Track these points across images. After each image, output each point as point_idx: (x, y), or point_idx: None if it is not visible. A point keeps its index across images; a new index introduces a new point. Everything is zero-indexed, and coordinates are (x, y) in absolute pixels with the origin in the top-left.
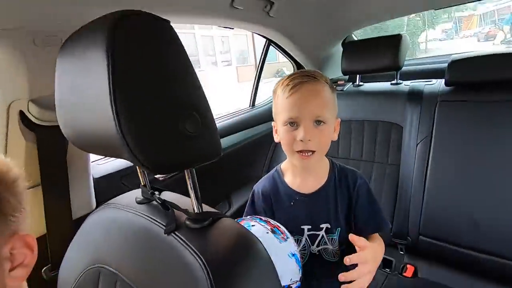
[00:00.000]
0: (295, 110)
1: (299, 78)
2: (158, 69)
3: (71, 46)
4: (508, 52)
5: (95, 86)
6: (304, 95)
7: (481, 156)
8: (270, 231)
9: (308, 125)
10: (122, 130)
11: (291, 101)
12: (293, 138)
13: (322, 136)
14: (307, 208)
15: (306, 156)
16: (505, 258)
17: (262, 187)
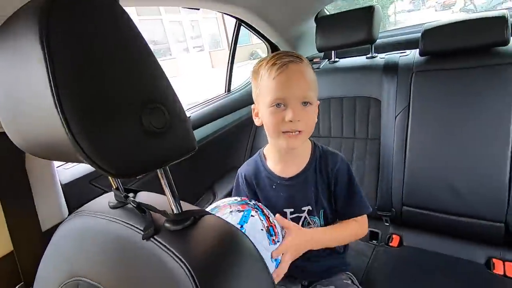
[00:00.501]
0: (283, 91)
1: (285, 58)
2: (107, 57)
3: (1, 40)
4: (479, 18)
5: (33, 83)
6: (291, 75)
7: (457, 123)
8: (265, 230)
9: (296, 106)
10: (73, 133)
11: (278, 82)
12: (280, 119)
13: (309, 117)
14: (288, 192)
15: (293, 135)
16: (484, 219)
17: (245, 171)
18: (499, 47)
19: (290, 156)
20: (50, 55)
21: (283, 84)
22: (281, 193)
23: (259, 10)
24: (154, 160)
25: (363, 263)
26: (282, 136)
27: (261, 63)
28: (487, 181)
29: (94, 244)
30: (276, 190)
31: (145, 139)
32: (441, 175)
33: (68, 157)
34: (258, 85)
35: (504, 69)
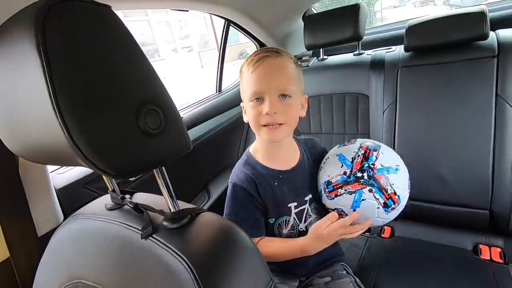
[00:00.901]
0: (259, 85)
1: (262, 53)
2: (103, 62)
3: None
4: (459, 13)
5: (31, 88)
6: (267, 69)
7: (442, 116)
8: (382, 205)
9: (273, 99)
10: (72, 136)
11: (255, 76)
12: (259, 113)
13: (288, 110)
14: (291, 184)
15: (273, 128)
16: (470, 207)
17: (243, 176)
18: (479, 41)
19: (280, 150)
20: (47, 60)
21: (259, 78)
22: (285, 187)
23: (248, 10)
24: (151, 160)
25: (356, 254)
26: (263, 130)
27: (244, 61)
28: (471, 170)
29: (92, 246)
30: (279, 185)
31: (141, 140)
32: (429, 166)
33: (65, 161)
34: (241, 81)
35: (485, 63)
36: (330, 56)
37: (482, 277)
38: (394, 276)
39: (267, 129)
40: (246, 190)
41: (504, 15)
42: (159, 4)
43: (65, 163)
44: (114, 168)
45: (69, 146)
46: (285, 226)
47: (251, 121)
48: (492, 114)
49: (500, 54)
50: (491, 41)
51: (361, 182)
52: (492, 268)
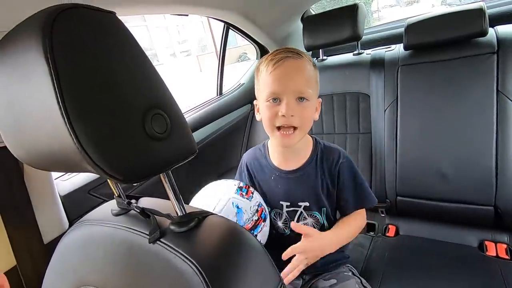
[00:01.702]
0: (278, 85)
1: (282, 53)
2: (110, 67)
3: (1, 54)
4: (458, 11)
5: (38, 96)
6: (287, 70)
7: (443, 113)
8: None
9: (291, 101)
10: (81, 142)
11: (274, 76)
12: (275, 114)
13: (305, 113)
14: (285, 185)
15: (287, 135)
16: (474, 204)
17: (247, 158)
18: (478, 38)
19: (290, 152)
20: (55, 68)
21: (278, 79)
22: (279, 186)
23: (246, 13)
24: (158, 164)
25: (362, 254)
26: (277, 133)
27: (263, 59)
28: (475, 167)
29: (99, 252)
30: (274, 181)
31: (148, 144)
32: (432, 164)
33: (73, 167)
34: (258, 80)
35: (484, 59)
36: (329, 57)
37: (488, 274)
38: (400, 275)
39: (281, 134)
40: (245, 169)
41: (503, 11)
42: (160, 9)
43: (73, 169)
44: (122, 173)
45: (78, 152)
46: (279, 218)
47: (266, 122)
48: (494, 110)
49: (500, 50)
50: (490, 38)
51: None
52: (498, 265)
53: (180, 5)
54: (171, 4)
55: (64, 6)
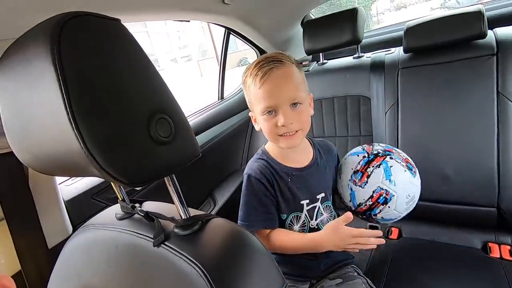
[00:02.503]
0: (271, 99)
1: (266, 66)
2: (115, 73)
3: (9, 61)
4: (457, 13)
5: (46, 102)
6: (275, 81)
7: (444, 115)
8: (406, 168)
9: (286, 110)
10: (88, 146)
11: (264, 91)
12: (274, 125)
13: (302, 116)
14: (304, 181)
15: (290, 136)
16: (477, 205)
17: (258, 168)
18: (478, 40)
19: (297, 150)
20: (62, 74)
21: (269, 92)
22: (297, 185)
23: (247, 18)
24: (163, 168)
25: (365, 257)
26: (281, 139)
27: (247, 72)
28: (477, 168)
29: (103, 255)
30: (293, 182)
31: (153, 148)
32: (434, 165)
33: (79, 171)
34: (248, 94)
35: (484, 61)
36: (330, 60)
37: (492, 276)
38: (403, 277)
39: (284, 138)
40: (260, 182)
41: (501, 13)
42: (163, 16)
43: (79, 173)
44: (128, 176)
45: (84, 156)
46: (296, 222)
47: (267, 133)
48: (494, 111)
49: (499, 51)
50: (489, 40)
51: (380, 155)
52: (502, 266)
53: (182, 11)
54: (173, 11)
55: (71, 14)
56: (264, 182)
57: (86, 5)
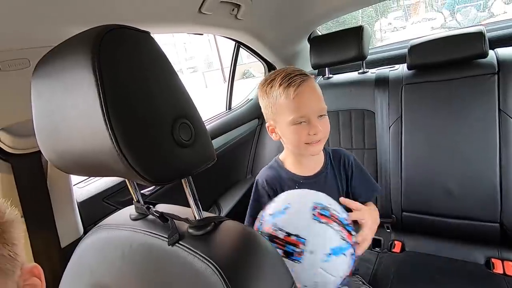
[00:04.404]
0: (304, 109)
1: (297, 78)
2: (145, 81)
3: (47, 67)
4: (459, 34)
5: (81, 105)
6: (308, 92)
7: (447, 131)
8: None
9: (316, 120)
10: (120, 146)
11: (298, 101)
12: (305, 134)
13: (326, 127)
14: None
15: (315, 144)
16: (480, 220)
17: (265, 176)
18: (479, 59)
19: (309, 159)
20: (101, 81)
21: (303, 103)
22: None
23: (257, 33)
24: (183, 169)
25: (368, 269)
26: (308, 147)
27: (271, 84)
28: (479, 183)
29: (118, 254)
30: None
31: (175, 150)
32: (436, 180)
33: (104, 171)
34: (271, 105)
35: (486, 79)
36: (335, 75)
37: None
38: None
39: (310, 145)
40: (265, 189)
41: (501, 35)
42: (179, 29)
43: (102, 172)
44: (153, 175)
45: (115, 155)
46: None
47: (296, 142)
48: (496, 128)
49: (500, 71)
50: (490, 59)
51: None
52: (505, 282)
53: (197, 26)
54: (188, 25)
55: (109, 27)
56: (267, 189)
57: (106, 17)
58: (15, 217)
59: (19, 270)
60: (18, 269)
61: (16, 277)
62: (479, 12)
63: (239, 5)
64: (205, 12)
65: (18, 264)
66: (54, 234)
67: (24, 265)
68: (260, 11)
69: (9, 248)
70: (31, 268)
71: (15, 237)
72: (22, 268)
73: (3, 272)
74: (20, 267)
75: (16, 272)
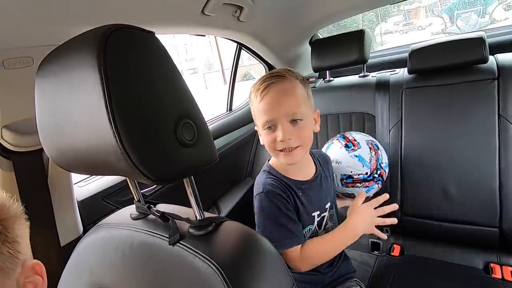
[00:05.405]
0: (270, 113)
1: (268, 80)
2: (150, 81)
3: (51, 66)
4: (459, 39)
5: (85, 103)
6: (275, 96)
7: (447, 135)
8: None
9: (286, 125)
10: (124, 145)
11: (264, 105)
12: (273, 140)
13: (301, 132)
14: (314, 194)
15: (289, 153)
16: (479, 225)
17: (271, 184)
18: (480, 64)
19: (300, 165)
20: (106, 80)
21: (268, 106)
22: (308, 197)
23: (259, 35)
24: (185, 168)
25: (367, 273)
26: (280, 154)
27: (252, 87)
28: (478, 188)
29: (117, 253)
30: (304, 194)
31: (178, 150)
32: (436, 184)
33: (106, 169)
34: (252, 108)
35: (486, 84)
36: (336, 78)
37: None
38: None
39: (284, 154)
40: (280, 195)
41: (502, 40)
42: (183, 30)
43: (105, 171)
44: (156, 174)
45: (119, 153)
46: (306, 234)
47: (267, 147)
48: (496, 133)
49: (500, 76)
50: (490, 65)
51: (375, 180)
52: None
53: (200, 27)
54: (192, 26)
55: (115, 26)
56: (282, 194)
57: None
58: (19, 213)
59: (20, 268)
60: (18, 267)
61: (16, 275)
62: (480, 18)
63: (242, 7)
64: (208, 13)
65: (19, 262)
66: (54, 232)
67: (26, 262)
68: (263, 14)
69: (10, 246)
70: (33, 265)
71: (18, 234)
72: (23, 265)
73: (2, 271)
74: (22, 264)
75: (17, 270)
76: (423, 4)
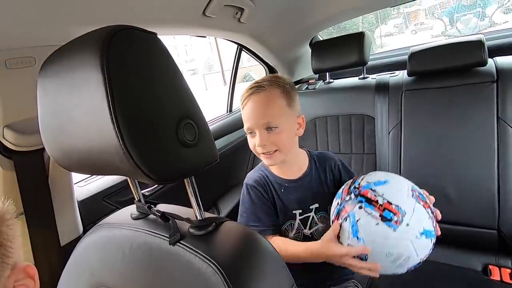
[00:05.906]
0: (249, 121)
1: (249, 91)
2: (152, 81)
3: (54, 66)
4: (459, 42)
5: (87, 103)
6: (253, 106)
7: (446, 137)
8: (380, 219)
9: (262, 132)
10: (126, 145)
11: (244, 114)
12: (253, 144)
13: (278, 139)
14: (296, 192)
15: (269, 155)
16: (477, 227)
17: (254, 179)
18: (479, 67)
19: (287, 164)
20: (109, 80)
21: (247, 115)
22: (290, 196)
23: (260, 36)
24: (187, 169)
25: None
26: (261, 156)
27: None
28: (477, 190)
29: (118, 253)
30: (285, 192)
31: (180, 150)
32: (435, 186)
33: (107, 169)
34: None
35: (485, 87)
36: (336, 80)
37: None
38: None
39: (264, 156)
40: (257, 189)
41: (501, 43)
42: (184, 31)
43: (106, 171)
44: (157, 174)
45: (121, 153)
46: (290, 230)
47: (252, 150)
48: (495, 136)
49: (499, 79)
50: (489, 67)
51: (349, 204)
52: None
53: (201, 28)
54: (193, 27)
55: (118, 27)
56: (260, 189)
57: (112, 18)
58: (9, 215)
59: (9, 271)
60: (7, 271)
61: (3, 280)
62: (480, 21)
63: (243, 9)
64: (209, 15)
65: (7, 267)
66: (54, 232)
67: (17, 265)
68: (263, 15)
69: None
70: (24, 267)
71: (5, 237)
72: (14, 268)
73: None
74: (12, 267)
75: (4, 274)
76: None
